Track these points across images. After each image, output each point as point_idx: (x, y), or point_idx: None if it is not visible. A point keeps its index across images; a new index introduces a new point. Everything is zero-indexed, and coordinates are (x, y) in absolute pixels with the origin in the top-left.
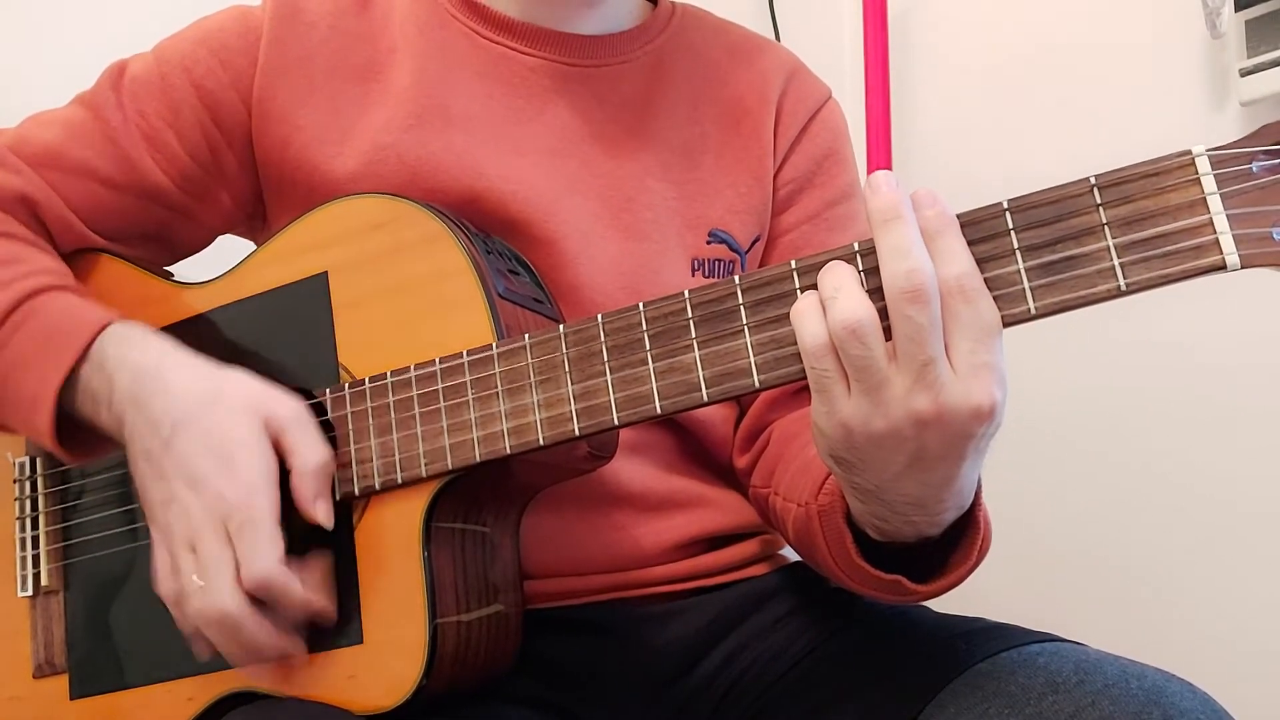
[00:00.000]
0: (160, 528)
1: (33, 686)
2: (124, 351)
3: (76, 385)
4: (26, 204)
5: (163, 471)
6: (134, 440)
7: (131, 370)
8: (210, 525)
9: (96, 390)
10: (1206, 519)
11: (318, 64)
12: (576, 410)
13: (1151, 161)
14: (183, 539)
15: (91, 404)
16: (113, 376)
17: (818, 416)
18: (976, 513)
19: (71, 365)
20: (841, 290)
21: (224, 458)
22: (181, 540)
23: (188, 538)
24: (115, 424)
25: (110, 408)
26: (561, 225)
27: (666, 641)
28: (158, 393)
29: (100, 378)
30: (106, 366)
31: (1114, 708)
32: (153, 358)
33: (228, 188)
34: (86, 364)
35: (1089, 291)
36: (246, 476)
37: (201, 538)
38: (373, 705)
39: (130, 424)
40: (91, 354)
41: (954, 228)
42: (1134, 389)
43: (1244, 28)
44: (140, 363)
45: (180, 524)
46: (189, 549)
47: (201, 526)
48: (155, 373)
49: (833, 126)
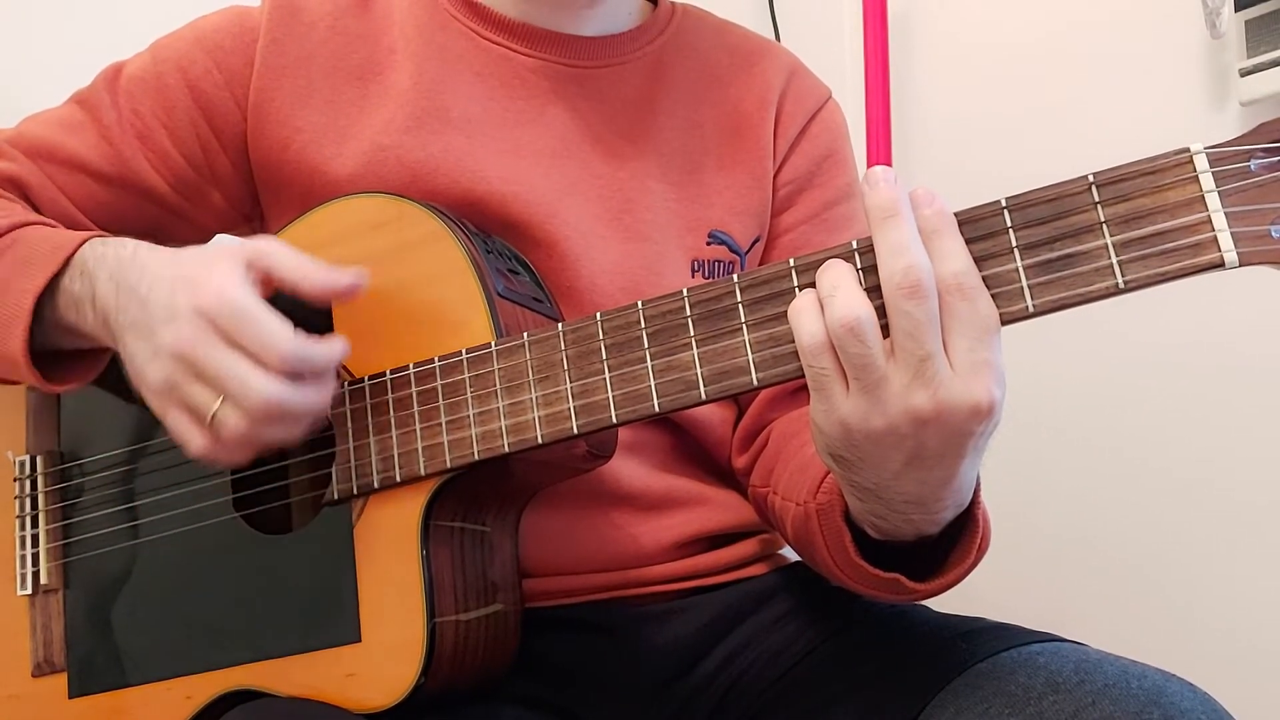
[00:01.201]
0: (158, 390)
1: (32, 685)
2: (103, 251)
3: (57, 294)
4: (20, 187)
5: (145, 329)
6: (119, 326)
7: (110, 264)
8: (204, 343)
9: (77, 293)
10: (1207, 519)
11: (317, 64)
12: (575, 408)
13: (1149, 159)
14: (183, 374)
15: (74, 310)
16: (94, 274)
17: (816, 415)
18: (975, 511)
19: (51, 274)
20: (839, 288)
21: (192, 278)
22: (183, 377)
23: (188, 368)
24: (100, 321)
25: (94, 303)
26: (562, 226)
27: (666, 641)
28: (142, 274)
29: (82, 281)
30: (88, 268)
31: (1114, 707)
32: (130, 248)
33: (221, 189)
34: (67, 272)
35: (1087, 289)
36: (216, 280)
37: (201, 358)
38: (371, 704)
39: (114, 310)
40: (73, 262)
41: (952, 226)
42: (1134, 388)
43: (1244, 28)
44: (119, 255)
45: (172, 364)
46: (194, 379)
47: (194, 344)
48: (133, 259)
49: (832, 127)
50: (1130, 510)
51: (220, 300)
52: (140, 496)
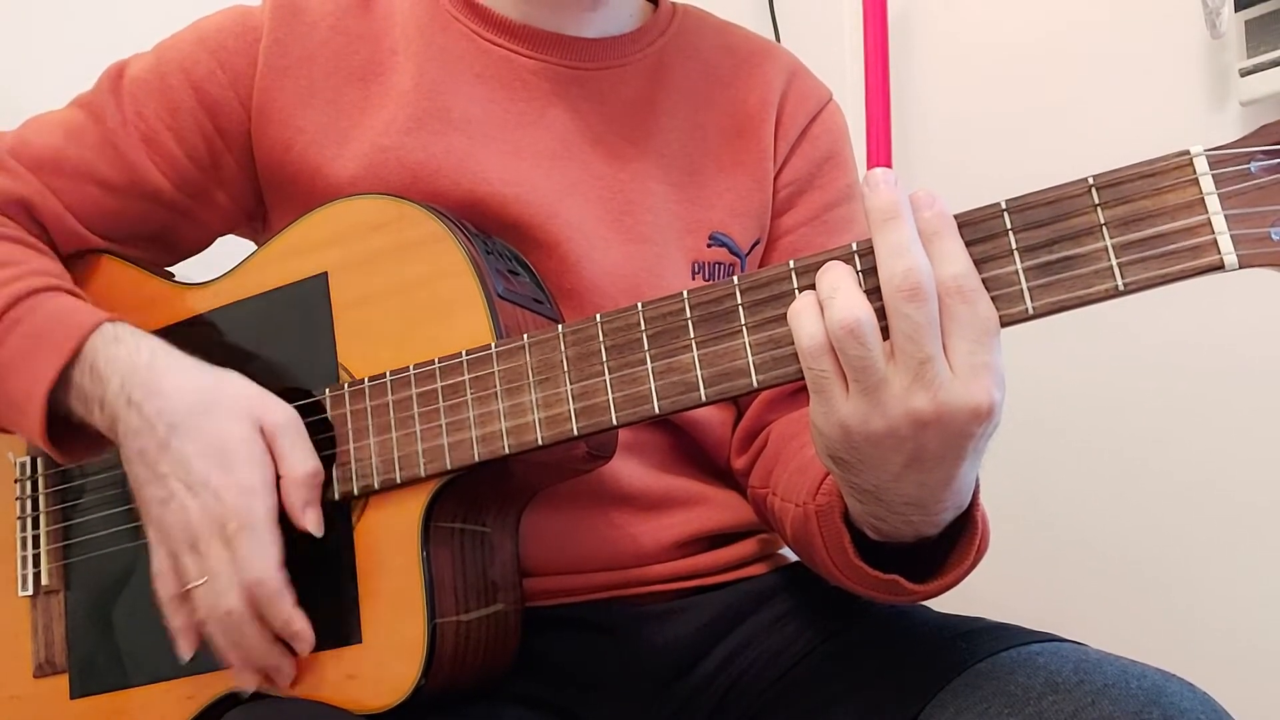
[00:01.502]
0: (158, 527)
1: (33, 686)
2: (115, 351)
3: (69, 386)
4: (24, 207)
5: (159, 472)
6: (128, 440)
7: (123, 371)
8: (210, 527)
9: (88, 391)
10: (1207, 519)
11: (318, 65)
12: (575, 410)
13: (1149, 161)
14: (183, 539)
15: (84, 405)
16: (105, 377)
17: (816, 416)
18: (974, 513)
19: (62, 366)
20: (839, 290)
21: (221, 461)
22: (182, 540)
23: (188, 538)
24: (108, 424)
25: (103, 408)
26: (563, 228)
27: (666, 641)
28: (151, 394)
29: (92, 379)
30: (98, 367)
31: (1114, 707)
32: (144, 358)
33: (226, 189)
34: (78, 365)
35: (1087, 291)
36: (243, 479)
37: (202, 538)
38: (372, 705)
39: (124, 424)
40: (83, 355)
41: (952, 228)
42: (1134, 388)
43: (1244, 28)
44: (132, 363)
45: (179, 525)
46: (190, 549)
47: (202, 528)
48: (148, 373)
49: (833, 129)
50: (1130, 510)
51: (241, 514)
52: None
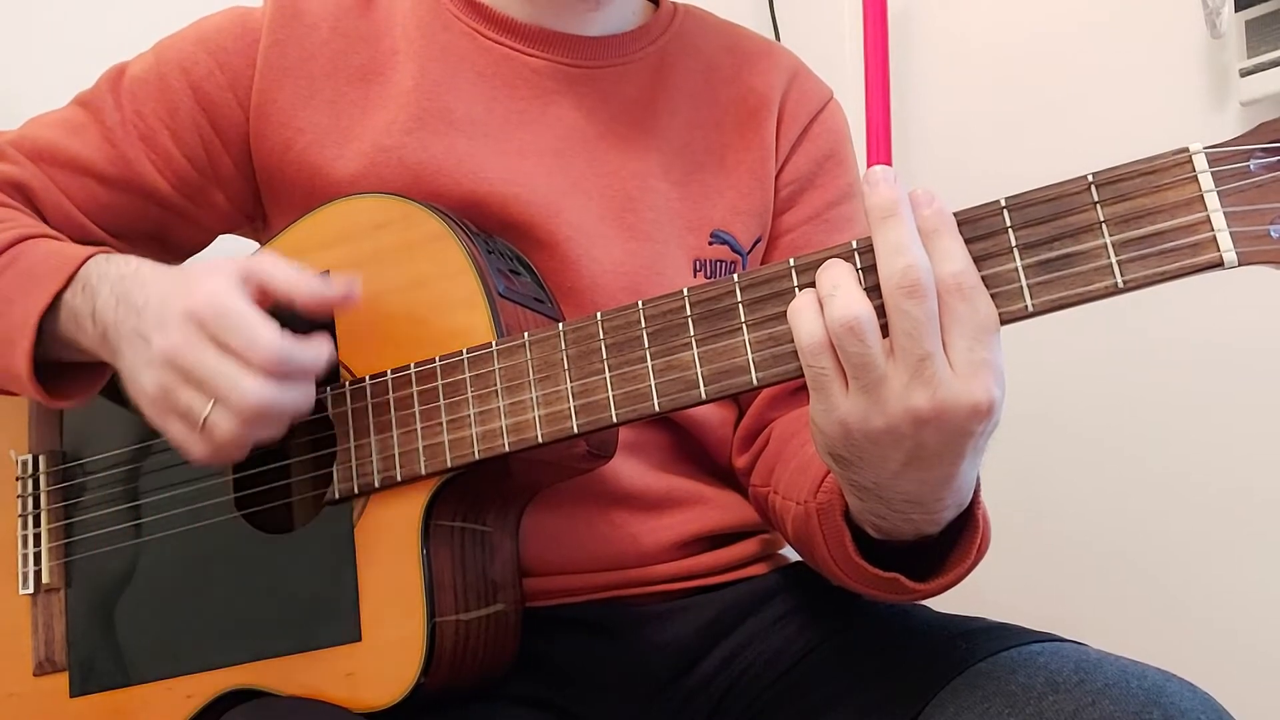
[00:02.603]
0: (153, 398)
1: (33, 684)
2: (106, 267)
3: (60, 309)
4: (23, 191)
5: (140, 339)
6: (119, 340)
7: (114, 279)
8: (193, 346)
9: (79, 308)
10: (1207, 518)
11: (319, 65)
12: (575, 408)
13: (1149, 159)
14: (177, 381)
15: (75, 323)
16: (97, 289)
17: (816, 414)
18: (975, 511)
19: (55, 292)
20: (839, 288)
21: (185, 286)
22: (176, 382)
23: (180, 374)
24: (100, 332)
25: (95, 318)
26: (564, 226)
27: (666, 641)
28: (137, 285)
29: (84, 296)
30: (90, 283)
31: (1114, 707)
32: (133, 264)
33: (223, 189)
34: (70, 288)
35: (1086, 289)
36: (207, 285)
37: (190, 362)
38: (371, 703)
39: (114, 324)
40: (76, 277)
41: (951, 226)
42: (1134, 387)
43: (1244, 28)
44: (122, 270)
45: (164, 370)
46: (185, 383)
47: (185, 354)
48: (135, 273)
49: (833, 128)
50: (1130, 510)
51: (209, 304)
52: (142, 496)
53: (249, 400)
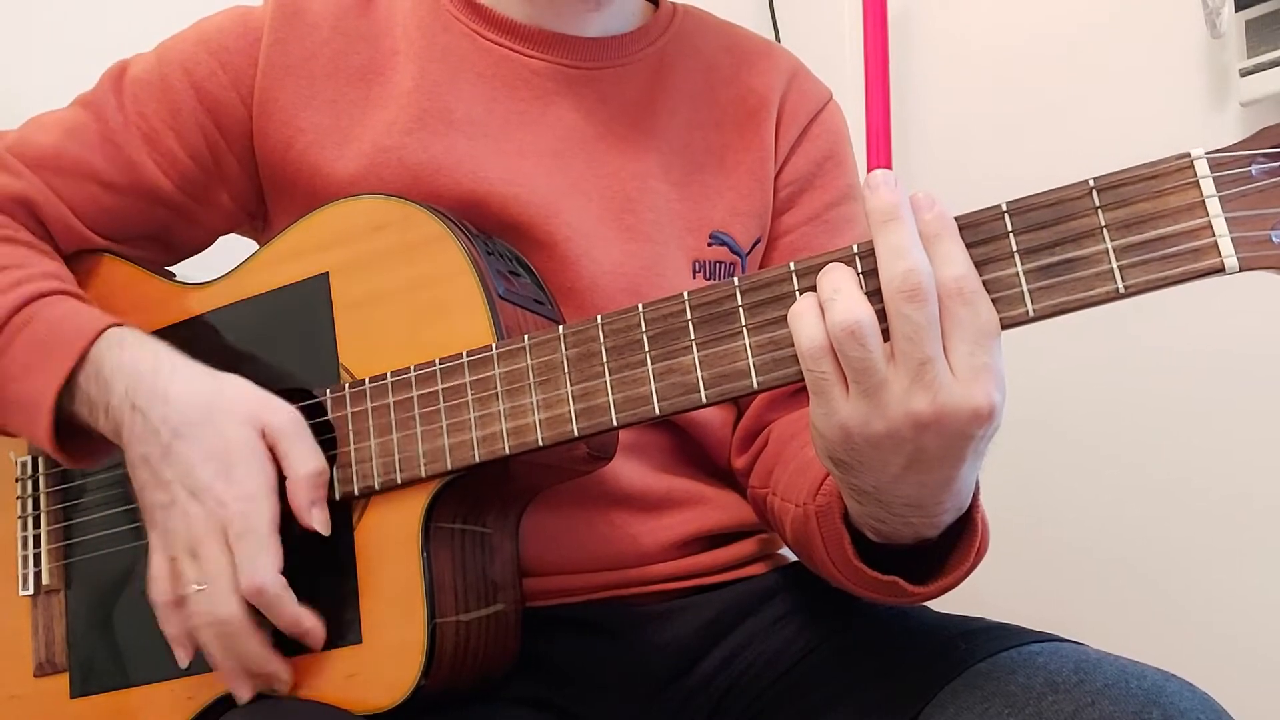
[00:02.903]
0: (159, 532)
1: (33, 685)
2: (120, 357)
3: (75, 391)
4: (26, 206)
5: (162, 478)
6: (132, 445)
7: (128, 376)
8: (211, 532)
9: (94, 397)
10: (1206, 519)
11: (319, 65)
12: (575, 411)
13: (1150, 164)
14: (184, 545)
15: (89, 410)
16: (110, 382)
17: (816, 418)
18: (975, 515)
19: (69, 371)
20: (840, 292)
21: (223, 466)
22: (183, 546)
23: (189, 544)
24: (113, 429)
25: (108, 413)
26: (563, 227)
27: (666, 641)
28: (155, 399)
29: (97, 384)
30: (104, 372)
31: (1114, 707)
32: (148, 364)
33: (228, 189)
34: (84, 370)
35: (1087, 294)
36: (245, 485)
37: (202, 544)
38: (372, 705)
39: (128, 429)
40: (89, 359)
41: (952, 230)
42: (1133, 389)
43: (1244, 28)
44: (136, 368)
45: (181, 530)
46: (190, 554)
47: (203, 533)
48: (152, 378)
49: (833, 129)
50: (1130, 511)
51: (240, 519)
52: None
53: (217, 610)
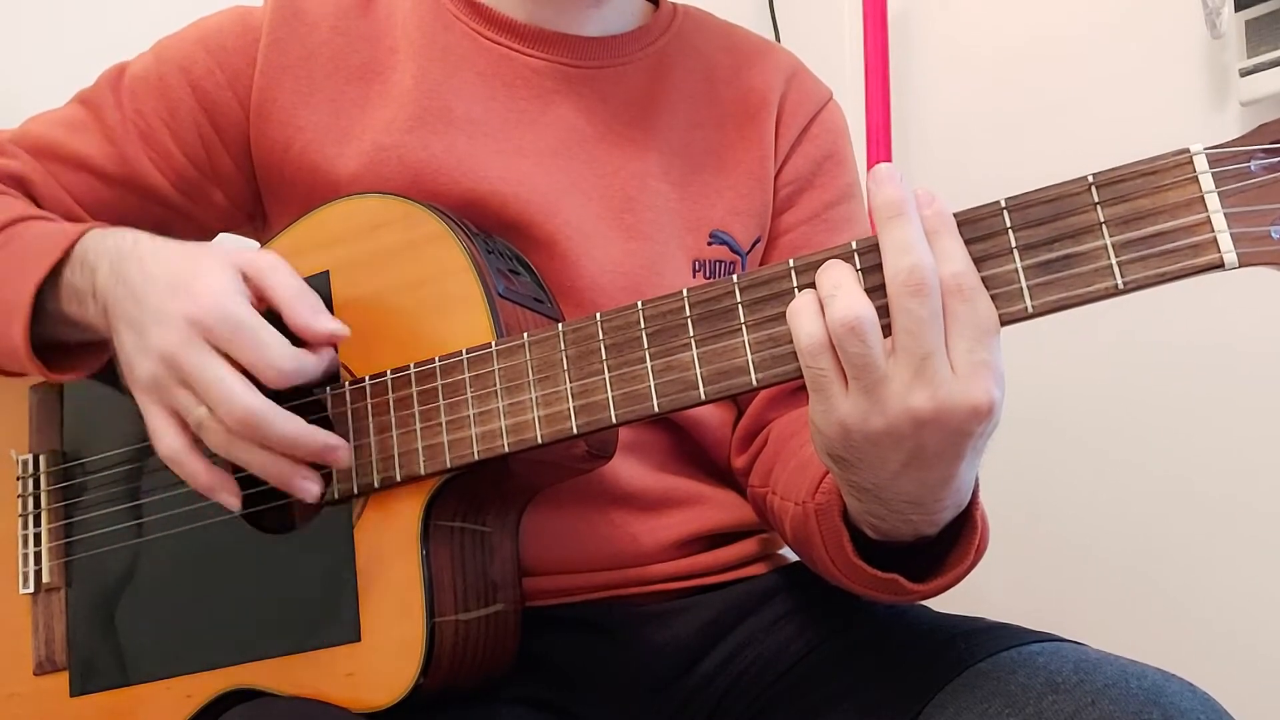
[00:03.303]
0: (144, 386)
1: (33, 683)
2: (104, 242)
3: (59, 286)
4: (23, 184)
5: (139, 325)
6: (116, 316)
7: (111, 254)
8: (194, 350)
9: (79, 285)
10: (1207, 519)
11: (319, 64)
12: (574, 408)
13: (1149, 160)
14: (170, 376)
15: (76, 301)
16: (95, 267)
17: (815, 415)
18: (974, 512)
19: (51, 266)
20: (841, 288)
21: (188, 284)
22: (169, 378)
23: (175, 372)
24: (100, 310)
25: (95, 295)
26: (563, 226)
27: (666, 641)
28: (141, 267)
29: (83, 273)
30: (88, 259)
31: (1114, 707)
32: (129, 240)
33: (224, 188)
34: (68, 264)
35: (1087, 290)
36: (211, 286)
37: (187, 363)
38: (370, 703)
39: (113, 301)
40: (73, 254)
41: (951, 227)
42: (1134, 387)
43: (1244, 28)
44: (119, 248)
45: (160, 366)
46: (179, 384)
47: (184, 349)
48: (133, 251)
49: (833, 128)
50: (1130, 510)
51: (215, 312)
52: (142, 495)
53: (242, 409)
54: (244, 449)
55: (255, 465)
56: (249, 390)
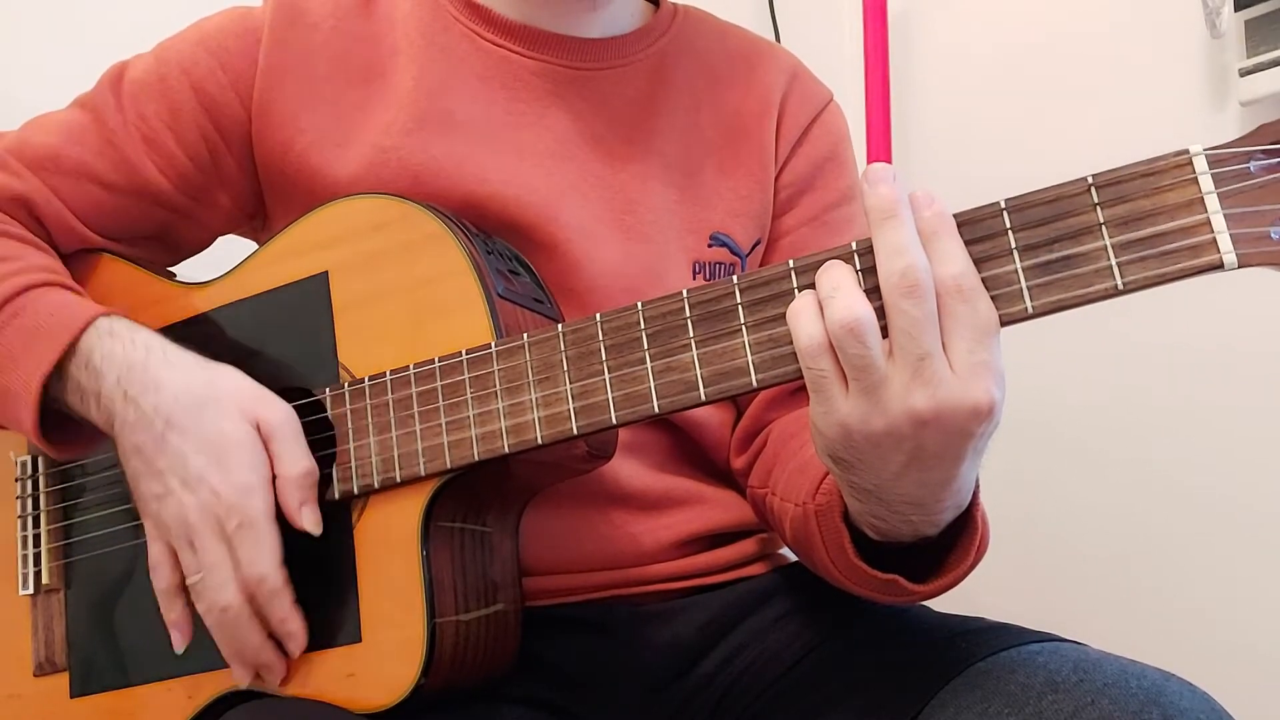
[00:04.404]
0: (155, 522)
1: (33, 685)
2: (111, 346)
3: (65, 380)
4: (25, 205)
5: (155, 467)
6: (124, 435)
7: (119, 365)
8: (208, 524)
9: (84, 385)
10: (1206, 519)
11: (319, 66)
12: (575, 409)
13: (1148, 161)
14: (180, 535)
15: (80, 399)
16: (100, 371)
17: (815, 416)
18: (974, 513)
19: (56, 360)
20: (840, 289)
21: (218, 457)
22: (179, 536)
23: (185, 534)
24: (105, 419)
25: (99, 402)
26: (563, 228)
27: (665, 641)
28: (148, 389)
29: (88, 373)
30: (94, 361)
31: (1113, 707)
32: (140, 353)
33: (227, 189)
34: (74, 359)
35: (1086, 291)
36: (241, 477)
37: (198, 534)
38: (371, 704)
39: (120, 419)
40: (79, 349)
41: (951, 228)
42: (1134, 388)
43: (1244, 28)
44: (129, 358)
45: (177, 520)
46: (187, 545)
47: (198, 523)
48: (144, 368)
49: (833, 130)
50: (1130, 510)
51: (237, 511)
52: None
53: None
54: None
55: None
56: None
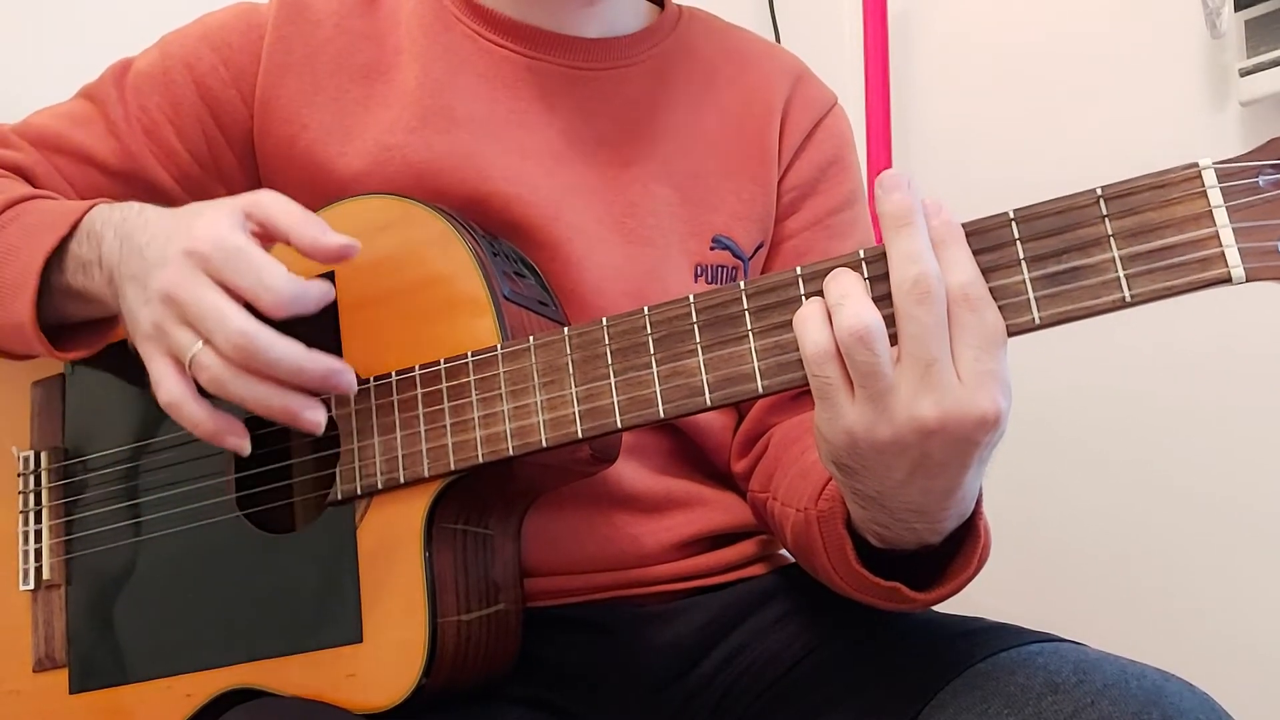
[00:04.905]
0: (145, 334)
1: (33, 680)
2: (110, 215)
3: (66, 259)
4: (25, 175)
5: (141, 277)
6: (121, 275)
7: (118, 223)
8: (191, 283)
9: (85, 256)
10: (1207, 519)
11: (323, 63)
12: (580, 412)
13: (1158, 173)
14: (169, 318)
15: (82, 272)
16: (101, 234)
17: (821, 423)
18: (977, 521)
19: (59, 240)
20: (848, 297)
21: (187, 224)
22: (169, 322)
23: (173, 312)
24: (105, 281)
25: (100, 265)
26: (565, 229)
27: (666, 641)
28: (140, 226)
29: (89, 244)
30: (95, 230)
31: (1113, 708)
32: (137, 208)
33: (226, 185)
34: (75, 237)
35: (1094, 302)
36: (209, 223)
37: (184, 295)
38: (372, 704)
39: (119, 263)
40: (80, 226)
41: (959, 237)
42: (1135, 391)
43: (1244, 28)
44: (126, 214)
45: (160, 308)
46: (179, 324)
47: (181, 290)
48: (139, 214)
49: (837, 133)
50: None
51: (211, 241)
52: (144, 493)
53: (236, 332)
54: (243, 383)
55: (257, 399)
56: (244, 314)
